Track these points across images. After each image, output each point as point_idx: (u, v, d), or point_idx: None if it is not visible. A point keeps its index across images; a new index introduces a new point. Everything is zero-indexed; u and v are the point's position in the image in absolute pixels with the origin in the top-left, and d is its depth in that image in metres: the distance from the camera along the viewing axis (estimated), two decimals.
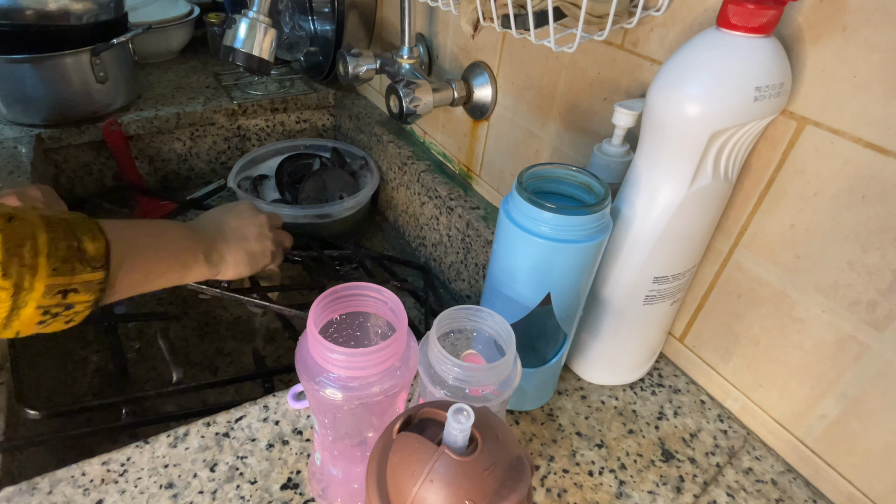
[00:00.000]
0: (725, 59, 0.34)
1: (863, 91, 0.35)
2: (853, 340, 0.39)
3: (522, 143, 0.66)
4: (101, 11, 0.84)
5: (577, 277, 0.41)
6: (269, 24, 0.65)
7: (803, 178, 0.39)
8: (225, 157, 1.05)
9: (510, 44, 0.64)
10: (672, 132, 0.37)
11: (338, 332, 0.38)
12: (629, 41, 0.49)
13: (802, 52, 0.37)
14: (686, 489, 0.43)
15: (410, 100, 0.68)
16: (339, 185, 0.93)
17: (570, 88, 0.57)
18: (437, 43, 0.79)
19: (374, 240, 0.98)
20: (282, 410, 0.46)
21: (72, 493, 0.39)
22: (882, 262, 0.36)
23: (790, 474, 0.45)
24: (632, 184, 0.42)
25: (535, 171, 0.42)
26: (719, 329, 0.48)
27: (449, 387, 0.33)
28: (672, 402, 0.50)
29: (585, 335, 0.50)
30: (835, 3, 0.35)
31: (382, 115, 0.99)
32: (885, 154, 0.35)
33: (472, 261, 0.74)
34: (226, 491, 0.40)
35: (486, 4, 0.46)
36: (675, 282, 0.44)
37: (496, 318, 0.36)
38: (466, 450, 0.25)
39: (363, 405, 0.33)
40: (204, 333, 0.77)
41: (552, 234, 0.38)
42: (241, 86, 1.07)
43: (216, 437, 0.43)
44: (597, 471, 0.44)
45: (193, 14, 1.14)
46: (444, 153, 0.84)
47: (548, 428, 0.47)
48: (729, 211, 0.44)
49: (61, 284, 0.37)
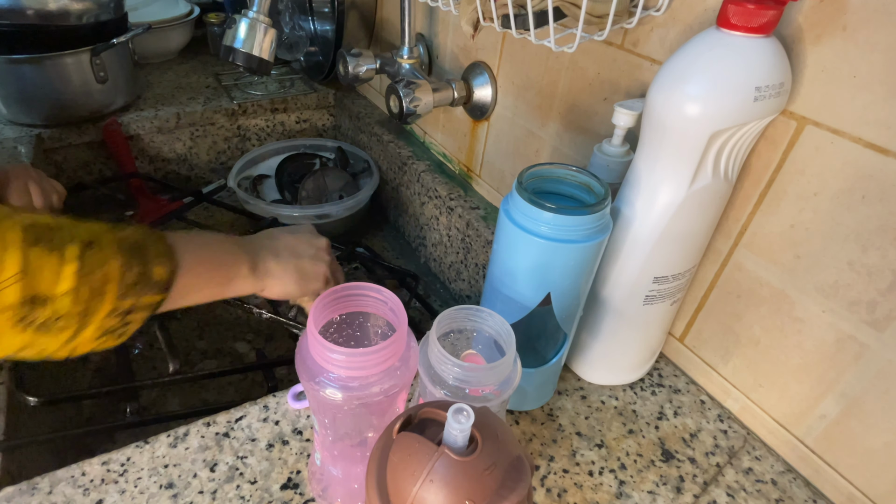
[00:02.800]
0: (725, 59, 0.34)
1: (863, 91, 0.35)
2: (853, 340, 0.39)
3: (522, 143, 0.66)
4: (101, 11, 0.84)
5: (577, 277, 0.41)
6: (269, 24, 0.65)
7: (803, 178, 0.39)
8: (225, 157, 1.05)
9: (510, 44, 0.64)
10: (672, 132, 0.37)
11: (338, 332, 0.38)
12: (629, 41, 0.49)
13: (802, 52, 0.37)
14: (686, 489, 0.43)
15: (410, 100, 0.68)
16: (339, 185, 0.93)
17: (570, 88, 0.57)
18: (437, 43, 0.79)
19: (374, 240, 0.98)
20: (282, 410, 0.46)
21: (72, 493, 0.39)
22: (882, 262, 0.36)
23: (790, 474, 0.45)
24: (632, 184, 0.42)
25: (535, 171, 0.42)
26: (719, 329, 0.48)
27: (449, 387, 0.33)
28: (672, 402, 0.50)
29: (585, 335, 0.50)
30: (835, 3, 0.35)
31: (382, 115, 0.99)
32: (885, 154, 0.35)
33: (472, 261, 0.74)
34: (226, 491, 0.40)
35: (486, 4, 0.46)
36: (675, 282, 0.44)
37: (496, 318, 0.36)
38: (466, 450, 0.25)
39: (363, 405, 0.33)
40: (203, 332, 0.77)
41: (552, 234, 0.38)
42: (241, 86, 1.07)
43: (216, 437, 0.43)
44: (597, 471, 0.44)
45: (193, 14, 1.14)
46: (444, 153, 0.84)
47: (548, 428, 0.47)
48: (729, 211, 0.44)
49: (125, 307, 0.38)
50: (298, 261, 0.53)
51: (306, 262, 0.54)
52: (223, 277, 0.47)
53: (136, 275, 0.38)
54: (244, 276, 0.48)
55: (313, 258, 0.55)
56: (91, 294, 0.35)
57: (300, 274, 0.53)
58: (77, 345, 0.37)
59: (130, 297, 0.38)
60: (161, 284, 0.40)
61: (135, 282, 0.38)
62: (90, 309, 0.36)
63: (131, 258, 0.38)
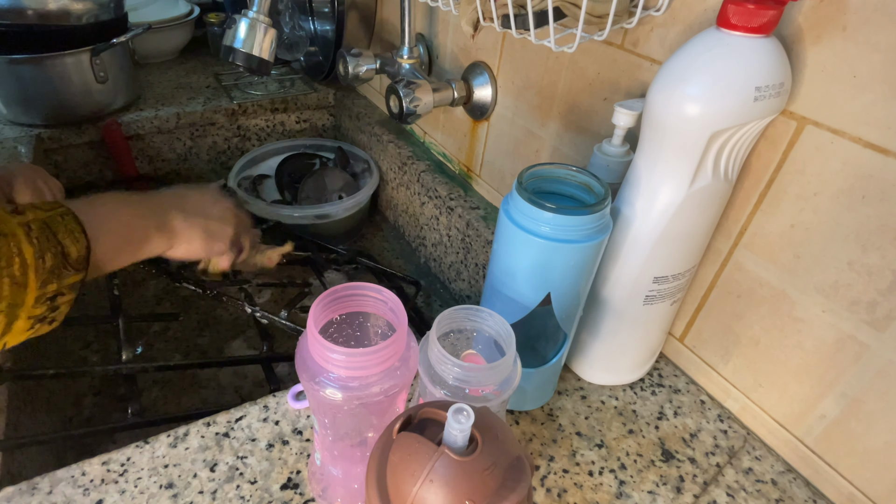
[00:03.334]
0: (725, 59, 0.34)
1: (863, 91, 0.35)
2: (853, 340, 0.39)
3: (522, 143, 0.66)
4: (101, 11, 0.84)
5: (577, 277, 0.41)
6: (269, 24, 0.65)
7: (803, 178, 0.39)
8: (225, 157, 1.05)
9: (510, 44, 0.64)
10: (672, 132, 0.37)
11: (338, 332, 0.38)
12: (629, 41, 0.49)
13: (802, 52, 0.37)
14: (686, 489, 0.43)
15: (410, 100, 0.68)
16: (339, 185, 0.93)
17: (570, 88, 0.57)
18: (437, 43, 0.79)
19: (374, 240, 0.98)
20: (282, 410, 0.46)
21: (72, 493, 0.39)
22: (882, 262, 0.36)
23: (790, 474, 0.45)
24: (632, 184, 0.42)
25: (535, 171, 0.42)
26: (719, 329, 0.48)
27: (449, 387, 0.33)
28: (672, 402, 0.50)
29: (585, 335, 0.50)
30: (835, 3, 0.35)
31: (382, 115, 0.99)
32: (885, 154, 0.35)
33: (472, 261, 0.74)
34: (226, 491, 0.40)
35: (486, 4, 0.46)
36: (675, 282, 0.44)
37: (496, 318, 0.36)
38: (466, 450, 0.25)
39: (363, 405, 0.33)
40: (203, 331, 0.77)
41: (552, 234, 0.38)
42: (241, 86, 1.07)
43: (216, 437, 0.43)
44: (597, 471, 0.44)
45: (193, 14, 1.14)
46: (444, 153, 0.84)
47: (548, 428, 0.47)
48: (729, 211, 0.44)
49: (50, 292, 0.38)
50: (206, 221, 0.53)
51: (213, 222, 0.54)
52: (135, 244, 0.47)
53: (51, 258, 0.37)
54: (154, 239, 0.49)
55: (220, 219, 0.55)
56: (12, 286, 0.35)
57: (207, 233, 0.53)
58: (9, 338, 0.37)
59: (52, 281, 0.37)
60: (79, 263, 0.40)
61: (53, 265, 0.38)
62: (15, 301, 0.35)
63: (42, 242, 0.37)
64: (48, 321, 0.39)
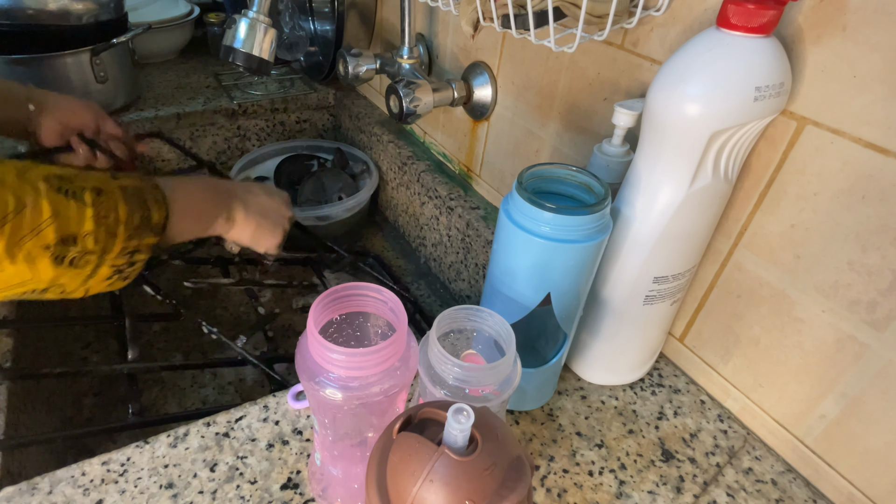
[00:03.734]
0: (725, 59, 0.34)
1: (863, 91, 0.35)
2: (853, 340, 0.39)
3: (522, 143, 0.66)
4: (101, 11, 0.84)
5: (577, 277, 0.41)
6: (269, 24, 0.65)
7: (803, 178, 0.39)
8: (225, 157, 1.05)
9: (510, 44, 0.64)
10: (672, 132, 0.37)
11: (338, 332, 0.38)
12: (629, 41, 0.49)
13: (802, 52, 0.37)
14: (686, 489, 0.43)
15: (410, 100, 0.68)
16: (338, 186, 0.93)
17: (570, 88, 0.57)
18: (437, 43, 0.79)
19: (374, 240, 0.98)
20: (282, 410, 0.46)
21: (72, 493, 0.39)
22: (882, 262, 0.36)
23: (790, 474, 0.45)
24: (632, 184, 0.42)
25: (535, 171, 0.42)
26: (719, 329, 0.48)
27: (449, 387, 0.33)
28: (672, 402, 0.50)
29: (585, 335, 0.50)
30: (835, 3, 0.35)
31: (382, 115, 0.99)
32: (885, 154, 0.35)
33: (472, 261, 0.74)
34: (226, 491, 0.40)
35: (486, 4, 0.46)
36: (675, 282, 0.44)
37: (496, 318, 0.36)
38: (466, 450, 0.25)
39: (363, 405, 0.33)
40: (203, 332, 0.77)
41: (552, 234, 0.38)
42: (241, 86, 1.07)
43: (216, 437, 0.43)
44: (597, 471, 0.44)
45: (193, 14, 1.14)
46: (444, 153, 0.84)
47: (548, 428, 0.47)
48: (729, 211, 0.44)
49: (132, 247, 0.44)
50: (262, 220, 0.60)
51: (267, 226, 0.60)
52: (203, 224, 0.54)
53: (139, 218, 0.44)
54: (216, 224, 0.56)
55: (273, 224, 0.61)
56: (107, 234, 0.41)
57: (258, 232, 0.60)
58: (91, 284, 0.43)
59: (135, 238, 0.44)
60: (158, 227, 0.46)
61: (139, 224, 0.44)
62: (106, 248, 0.42)
63: (133, 204, 0.44)
64: (123, 276, 0.45)
